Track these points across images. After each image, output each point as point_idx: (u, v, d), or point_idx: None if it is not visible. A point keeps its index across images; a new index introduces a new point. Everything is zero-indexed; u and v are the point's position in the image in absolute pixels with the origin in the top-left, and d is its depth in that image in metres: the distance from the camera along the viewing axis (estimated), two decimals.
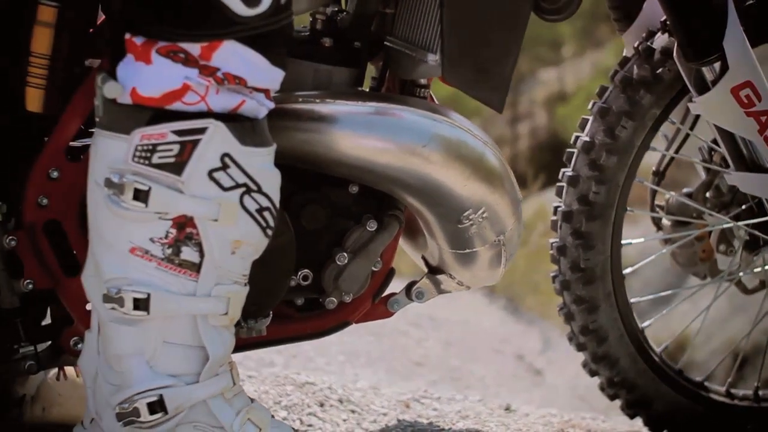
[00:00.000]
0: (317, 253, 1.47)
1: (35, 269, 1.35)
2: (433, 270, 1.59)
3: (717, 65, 1.61)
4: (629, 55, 1.77)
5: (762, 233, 1.81)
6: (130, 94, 1.19)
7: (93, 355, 1.28)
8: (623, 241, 1.81)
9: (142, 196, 1.19)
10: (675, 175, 2.09)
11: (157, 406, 1.24)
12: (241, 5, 1.18)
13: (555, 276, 1.84)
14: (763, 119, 1.63)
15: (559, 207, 1.81)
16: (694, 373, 1.93)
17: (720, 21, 1.57)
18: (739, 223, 1.81)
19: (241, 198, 1.22)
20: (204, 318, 1.25)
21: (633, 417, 1.90)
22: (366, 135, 1.40)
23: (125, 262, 1.22)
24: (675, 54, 1.65)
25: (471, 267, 1.53)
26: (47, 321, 1.46)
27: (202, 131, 1.19)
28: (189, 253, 1.22)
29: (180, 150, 1.19)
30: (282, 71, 1.25)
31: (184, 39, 1.18)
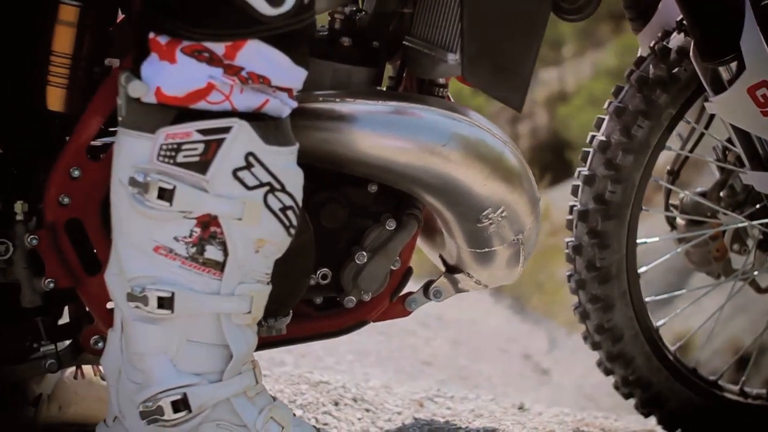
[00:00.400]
0: (336, 252, 1.48)
1: (56, 268, 1.35)
2: (451, 269, 1.59)
3: (734, 65, 1.61)
4: (644, 55, 1.77)
5: None
6: (154, 93, 1.19)
7: (116, 354, 1.28)
8: (638, 240, 1.81)
9: (166, 195, 1.19)
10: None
11: (181, 404, 1.24)
12: (266, 5, 1.19)
13: (570, 275, 1.84)
14: None
15: (575, 206, 1.81)
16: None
17: (737, 20, 1.58)
18: (753, 223, 1.82)
19: (265, 197, 1.22)
20: (227, 317, 1.25)
21: (647, 416, 1.91)
22: (386, 134, 1.40)
23: (149, 260, 1.22)
24: (691, 53, 1.65)
25: (489, 266, 1.53)
26: (59, 320, 1.46)
27: (226, 130, 1.19)
28: (213, 252, 1.22)
29: (205, 149, 1.19)
30: (305, 71, 1.25)
31: (208, 38, 1.18)
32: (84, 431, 1.59)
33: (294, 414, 1.35)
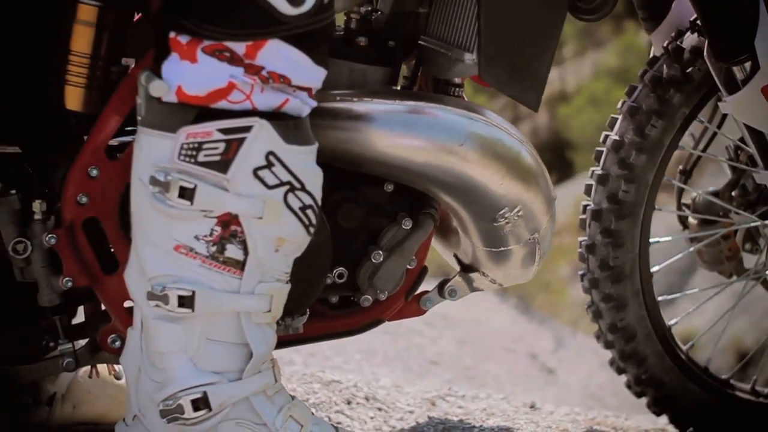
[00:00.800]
0: (353, 251, 1.48)
1: (74, 267, 1.36)
2: (466, 268, 1.60)
3: (748, 65, 1.61)
4: (658, 55, 1.77)
5: None
6: (175, 92, 1.19)
7: (136, 353, 1.28)
8: (651, 240, 1.82)
9: (187, 194, 1.20)
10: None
11: (201, 403, 1.25)
12: (286, 4, 1.19)
13: (583, 274, 1.84)
14: None
15: (588, 205, 1.81)
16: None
17: (751, 20, 1.58)
18: (766, 222, 1.82)
19: (285, 196, 1.23)
20: (247, 315, 1.25)
21: (659, 414, 1.91)
22: (403, 134, 1.40)
23: (170, 259, 1.22)
24: (705, 53, 1.65)
25: (505, 265, 1.53)
26: (74, 319, 1.47)
27: (247, 129, 1.20)
28: (233, 251, 1.22)
29: (226, 148, 1.19)
30: (324, 70, 1.25)
31: (229, 38, 1.19)
32: (98, 430, 1.60)
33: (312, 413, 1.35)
